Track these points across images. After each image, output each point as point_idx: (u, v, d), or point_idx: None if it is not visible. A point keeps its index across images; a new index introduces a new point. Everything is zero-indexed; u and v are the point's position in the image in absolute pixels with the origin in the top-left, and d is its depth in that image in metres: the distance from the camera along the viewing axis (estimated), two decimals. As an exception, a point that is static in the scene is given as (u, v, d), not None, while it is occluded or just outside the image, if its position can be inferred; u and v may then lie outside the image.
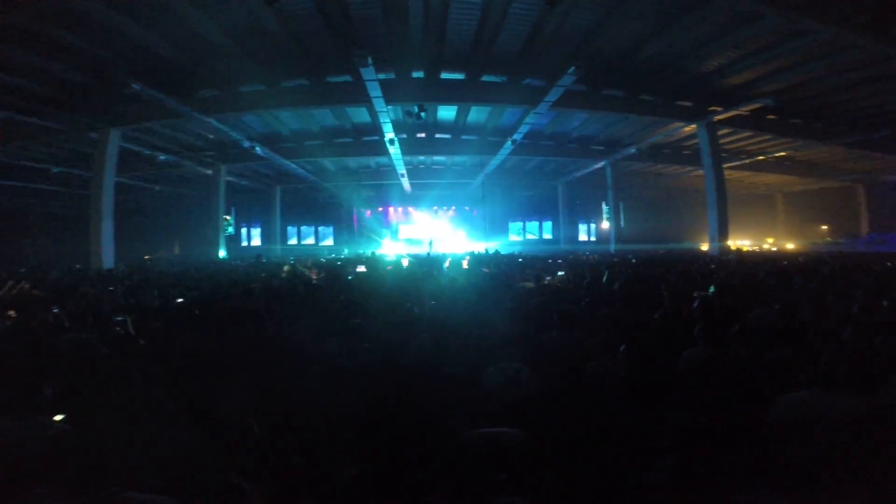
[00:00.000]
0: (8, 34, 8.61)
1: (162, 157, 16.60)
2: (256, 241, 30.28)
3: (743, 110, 13.54)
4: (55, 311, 4.70)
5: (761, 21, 9.16)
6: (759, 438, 2.09)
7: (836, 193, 27.24)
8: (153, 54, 10.17)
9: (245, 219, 30.01)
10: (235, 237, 27.63)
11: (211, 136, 16.77)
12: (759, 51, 10.72)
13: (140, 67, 10.49)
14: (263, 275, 10.47)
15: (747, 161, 20.14)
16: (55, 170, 16.33)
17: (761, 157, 19.86)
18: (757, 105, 12.90)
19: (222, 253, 20.51)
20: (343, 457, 2.03)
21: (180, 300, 6.33)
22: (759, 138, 17.88)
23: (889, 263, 9.99)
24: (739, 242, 23.25)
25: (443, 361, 3.17)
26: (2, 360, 2.97)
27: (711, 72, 12.14)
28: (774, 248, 23.48)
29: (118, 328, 4.28)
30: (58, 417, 2.12)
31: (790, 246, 24.02)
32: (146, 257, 21.46)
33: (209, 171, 20.05)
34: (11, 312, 4.51)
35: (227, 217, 21.16)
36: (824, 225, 28.47)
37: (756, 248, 22.83)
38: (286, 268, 12.32)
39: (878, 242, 21.64)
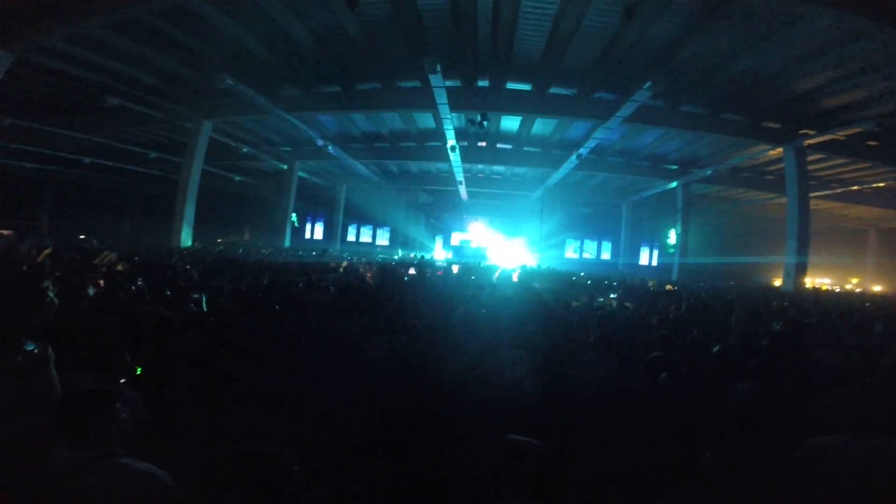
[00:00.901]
0: (125, 28, 9.73)
1: (245, 150, 17.91)
2: (318, 235, 31.76)
3: (839, 135, 12.38)
4: (139, 282, 5.13)
5: (867, 39, 8.37)
6: (781, 478, 1.97)
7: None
8: (246, 52, 11.09)
9: (310, 213, 31.63)
10: (299, 230, 29.18)
11: (289, 133, 17.88)
12: (862, 71, 9.79)
13: (234, 64, 11.46)
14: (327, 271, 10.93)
15: (839, 191, 18.27)
16: (153, 154, 18.08)
17: (856, 187, 17.97)
18: (855, 129, 11.72)
19: (286, 243, 21.73)
20: (371, 454, 2.07)
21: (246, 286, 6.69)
22: (856, 166, 16.20)
23: None
24: (819, 281, 21.07)
25: (483, 372, 3.16)
26: (91, 324, 3.25)
27: (805, 92, 11.23)
28: (858, 290, 21.04)
29: (192, 305, 4.58)
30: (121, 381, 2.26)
31: (877, 288, 21.43)
32: (219, 240, 23.17)
33: (284, 166, 21.37)
34: (101, 282, 4.97)
35: (294, 213, 22.51)
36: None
37: (836, 288, 20.57)
38: (344, 264, 12.79)
39: None
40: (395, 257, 21.74)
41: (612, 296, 9.79)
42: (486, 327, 4.67)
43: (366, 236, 32.13)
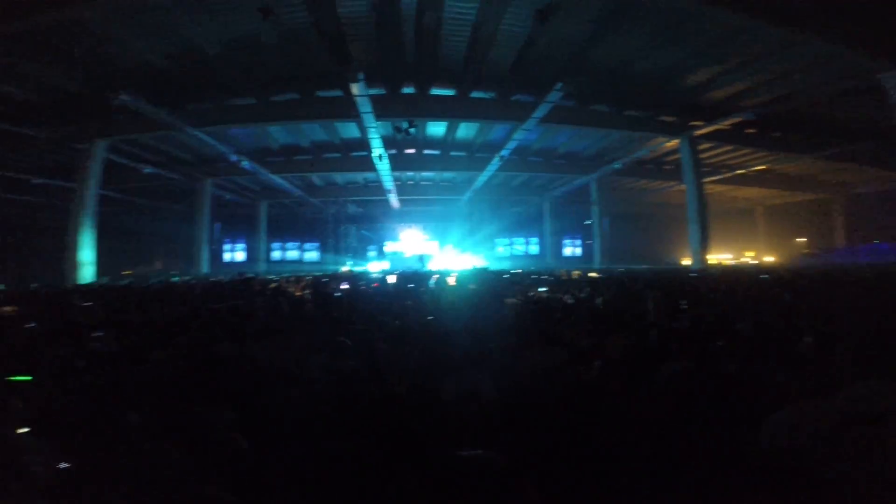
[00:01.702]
0: (3, 42, 8.46)
1: (147, 170, 16.28)
2: (240, 256, 29.77)
3: (724, 124, 14.00)
4: (32, 325, 4.52)
5: (748, 34, 9.57)
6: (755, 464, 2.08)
7: (814, 207, 28.06)
8: (146, 65, 10.15)
9: (229, 234, 29.56)
10: (218, 253, 27.16)
11: (198, 150, 16.58)
12: (742, 65, 11.17)
13: (132, 78, 10.41)
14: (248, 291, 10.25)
15: (728, 175, 20.74)
16: (35, 181, 15.80)
17: (741, 171, 20.47)
18: (738, 119, 13.39)
19: (205, 269, 20.08)
20: (320, 476, 1.99)
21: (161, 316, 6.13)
22: (740, 152, 18.50)
23: (864, 275, 10.36)
24: (720, 256, 23.77)
25: (428, 380, 3.12)
26: None
27: (695, 86, 12.58)
28: (755, 262, 24.06)
29: (96, 343, 4.15)
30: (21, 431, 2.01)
31: (769, 259, 24.65)
32: (125, 272, 20.82)
33: (194, 185, 19.74)
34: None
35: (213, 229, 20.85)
36: (803, 238, 29.31)
37: (736, 262, 23.37)
38: (272, 285, 12.10)
39: (852, 254, 22.38)
40: (327, 272, 20.98)
41: (540, 289, 10.20)
42: (427, 335, 4.66)
43: (293, 254, 30.70)
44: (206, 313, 6.01)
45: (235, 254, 30.07)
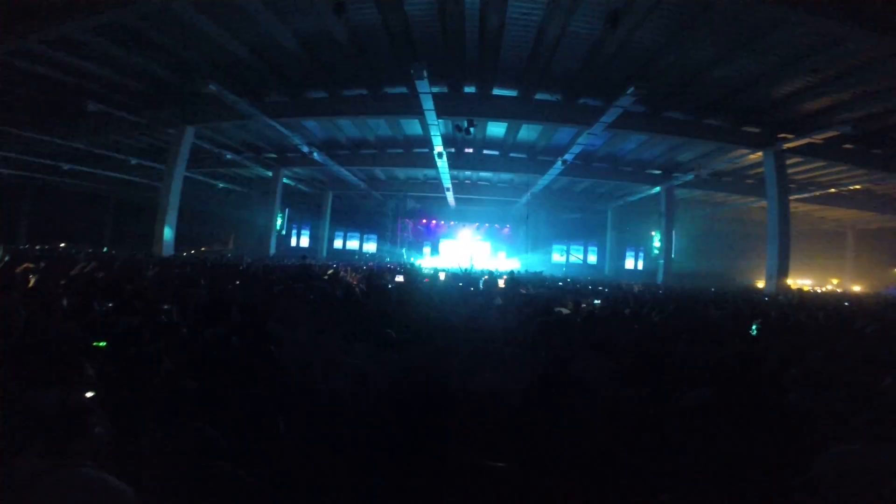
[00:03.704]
0: (109, 32, 9.57)
1: (228, 156, 17.66)
2: (305, 242, 31.48)
3: (817, 138, 12.67)
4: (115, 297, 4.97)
5: (845, 45, 8.63)
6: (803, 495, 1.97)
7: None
8: (230, 56, 10.95)
9: (296, 220, 31.34)
10: (285, 236, 28.87)
11: (274, 139, 17.72)
12: (839, 76, 10.07)
13: (218, 69, 11.34)
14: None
15: (817, 194, 18.79)
16: (133, 161, 17.72)
17: (833, 190, 18.46)
18: (832, 133, 12.04)
19: (272, 251, 21.46)
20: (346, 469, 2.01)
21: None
22: (833, 169, 16.65)
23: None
24: (800, 282, 21.54)
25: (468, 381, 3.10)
26: (59, 336, 3.12)
27: (784, 97, 11.52)
28: (839, 290, 21.55)
29: (163, 316, 4.43)
30: (89, 394, 2.17)
31: (857, 289, 21.97)
32: (203, 248, 22.77)
33: (269, 173, 21.14)
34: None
35: (281, 218, 22.28)
36: (899, 268, 25.79)
37: (818, 289, 21.04)
38: (329, 272, 12.62)
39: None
40: (383, 263, 21.63)
41: (595, 301, 9.82)
42: (472, 335, 4.64)
43: (353, 243, 31.93)
44: (263, 294, 6.39)
45: (301, 239, 31.86)
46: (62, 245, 15.65)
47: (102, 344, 2.83)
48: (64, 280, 5.71)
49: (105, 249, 17.63)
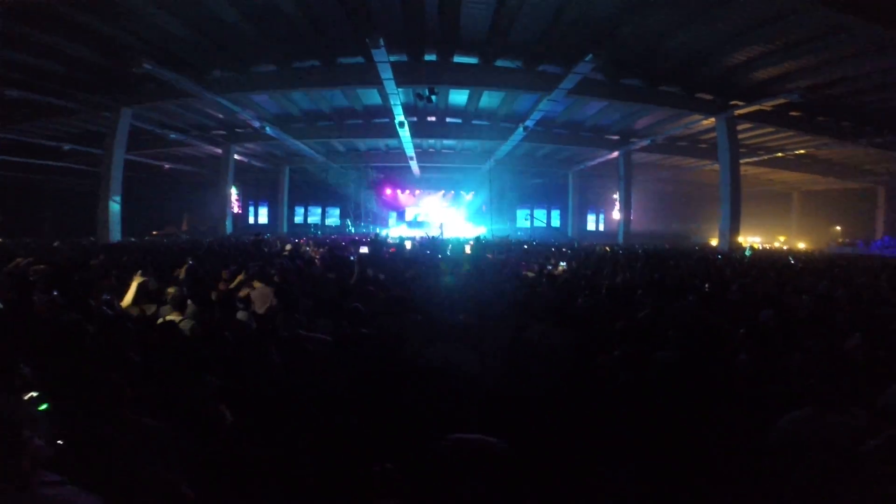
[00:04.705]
0: (27, 15, 8.55)
1: (172, 136, 16.52)
2: (263, 220, 30.39)
3: (767, 105, 13.15)
4: (54, 293, 4.63)
5: (797, 16, 8.81)
6: (761, 461, 2.05)
7: (854, 195, 26.58)
8: (167, 34, 10.06)
9: (252, 197, 30.06)
10: (242, 215, 27.71)
11: (221, 116, 16.63)
12: (789, 47, 10.34)
13: (154, 47, 10.42)
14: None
15: (766, 157, 19.70)
16: (66, 147, 16.34)
17: (780, 154, 19.41)
18: (782, 101, 12.53)
19: (228, 230, 20.60)
20: (315, 451, 1.96)
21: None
22: (781, 135, 17.45)
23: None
24: (750, 239, 22.91)
25: (433, 354, 3.01)
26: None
27: (737, 65, 11.75)
28: (785, 247, 23.13)
29: (105, 307, 4.16)
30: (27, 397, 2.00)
31: (802, 245, 23.65)
32: (153, 233, 21.55)
33: (218, 151, 19.96)
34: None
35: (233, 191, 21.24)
36: (839, 226, 27.93)
37: (767, 246, 22.49)
38: (288, 247, 12.19)
39: (892, 247, 21.19)
40: (346, 235, 21.22)
41: (561, 264, 9.98)
42: (434, 304, 4.63)
43: (314, 217, 31.09)
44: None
45: (259, 217, 30.70)
46: None
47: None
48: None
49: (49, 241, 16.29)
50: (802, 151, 19.16)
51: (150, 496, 1.60)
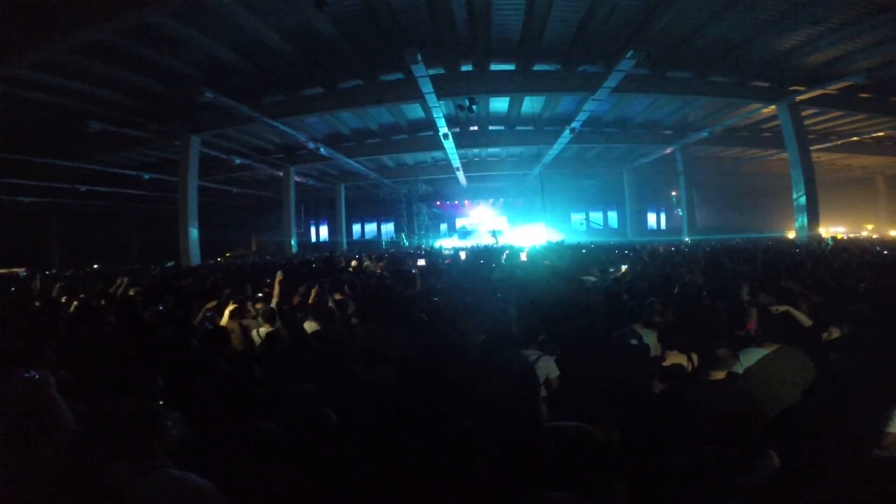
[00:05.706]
0: (92, 51, 9.64)
1: (237, 161, 17.97)
2: (324, 236, 32.03)
3: (830, 89, 12.20)
4: (160, 307, 5.21)
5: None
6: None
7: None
8: (218, 61, 10.94)
9: (313, 216, 31.83)
10: (305, 233, 29.39)
11: (278, 140, 17.89)
12: (842, 26, 9.59)
13: (210, 75, 11.41)
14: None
15: (839, 143, 17.96)
16: (146, 176, 18.21)
17: (856, 138, 17.59)
18: (845, 83, 11.53)
19: (294, 249, 21.93)
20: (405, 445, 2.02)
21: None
22: (852, 118, 15.91)
23: None
24: (833, 230, 20.74)
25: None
26: (115, 350, 3.33)
27: (789, 50, 11.00)
28: (875, 236, 20.68)
29: (206, 322, 4.63)
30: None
31: (893, 233, 21.05)
32: (227, 255, 23.44)
33: (279, 173, 21.43)
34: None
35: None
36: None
37: (852, 236, 20.22)
38: (354, 262, 12.76)
39: None
40: (402, 248, 21.84)
41: (622, 266, 9.53)
42: (497, 317, 4.67)
43: (370, 233, 32.32)
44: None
45: (320, 234, 32.43)
46: (95, 266, 16.26)
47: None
48: (104, 300, 5.96)
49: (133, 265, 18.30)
50: (881, 134, 17.25)
51: (269, 488, 1.78)
